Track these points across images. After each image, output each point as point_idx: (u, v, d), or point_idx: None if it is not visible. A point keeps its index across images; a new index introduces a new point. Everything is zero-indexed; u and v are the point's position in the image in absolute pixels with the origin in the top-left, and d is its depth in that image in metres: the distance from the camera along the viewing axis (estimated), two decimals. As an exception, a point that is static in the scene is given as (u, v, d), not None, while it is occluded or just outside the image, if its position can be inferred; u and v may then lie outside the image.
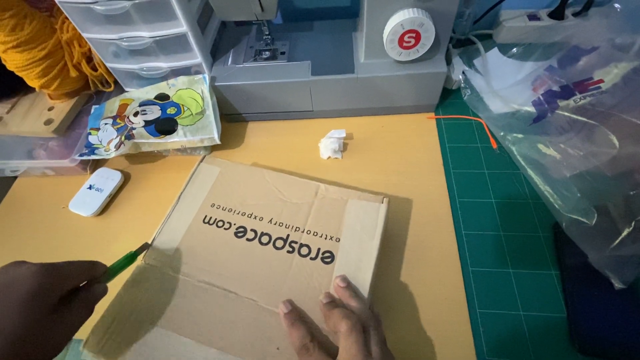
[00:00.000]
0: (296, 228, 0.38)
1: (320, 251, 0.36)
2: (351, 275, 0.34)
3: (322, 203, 0.40)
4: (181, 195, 0.41)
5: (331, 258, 0.36)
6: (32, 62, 0.48)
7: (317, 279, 0.34)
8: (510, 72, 0.55)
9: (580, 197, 0.38)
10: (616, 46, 0.44)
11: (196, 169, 0.44)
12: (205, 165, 0.44)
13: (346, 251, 0.36)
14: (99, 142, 0.51)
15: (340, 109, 0.55)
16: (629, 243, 0.35)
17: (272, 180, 0.42)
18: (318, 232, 0.37)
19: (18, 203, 0.54)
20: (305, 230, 0.38)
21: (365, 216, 0.38)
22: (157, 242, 0.38)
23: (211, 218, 0.39)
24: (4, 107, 0.55)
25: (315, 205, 0.39)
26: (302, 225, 0.38)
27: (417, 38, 0.44)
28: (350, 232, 0.37)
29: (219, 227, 0.39)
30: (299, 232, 0.38)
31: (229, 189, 0.42)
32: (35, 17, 0.47)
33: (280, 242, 0.37)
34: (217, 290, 0.34)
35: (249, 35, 0.57)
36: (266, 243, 0.37)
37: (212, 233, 0.38)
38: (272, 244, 0.37)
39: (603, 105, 0.39)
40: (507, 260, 0.41)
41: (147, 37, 0.46)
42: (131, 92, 0.54)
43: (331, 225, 0.38)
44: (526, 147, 0.44)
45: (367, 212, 0.38)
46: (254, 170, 0.43)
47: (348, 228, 0.37)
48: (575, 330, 0.36)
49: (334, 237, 0.37)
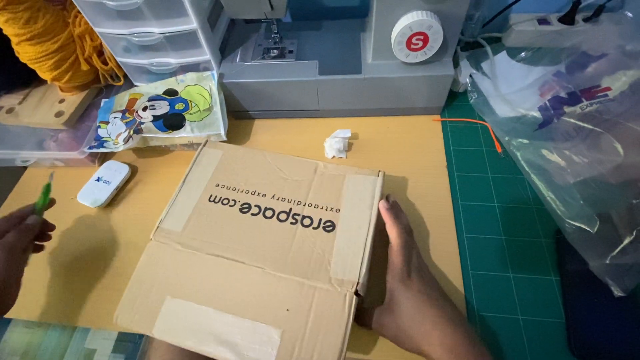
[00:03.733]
0: (298, 202, 0.40)
1: (322, 221, 0.38)
2: (352, 240, 0.36)
3: (321, 179, 0.41)
4: (186, 178, 0.43)
5: (332, 227, 0.37)
6: (44, 54, 0.49)
7: (320, 246, 0.36)
8: (518, 77, 0.54)
9: (583, 204, 0.38)
10: (626, 53, 0.43)
11: (199, 153, 0.45)
12: (207, 149, 0.46)
13: (346, 220, 0.38)
14: (108, 136, 0.52)
15: (346, 108, 0.55)
16: (631, 251, 0.35)
17: (272, 161, 0.44)
18: (319, 204, 0.39)
19: (28, 193, 0.55)
20: (307, 203, 0.40)
21: (362, 188, 0.40)
22: (165, 223, 0.39)
23: (216, 197, 0.41)
24: (16, 98, 0.56)
25: (315, 181, 0.41)
26: (303, 199, 0.40)
27: (425, 40, 0.44)
28: (349, 203, 0.39)
29: (224, 204, 0.40)
30: (300, 205, 0.39)
31: (231, 169, 0.43)
32: (48, 11, 0.47)
33: (284, 215, 0.39)
34: (226, 261, 0.36)
35: (258, 33, 0.57)
36: (270, 217, 0.39)
37: (218, 210, 0.40)
38: (275, 217, 0.39)
39: (609, 113, 0.39)
40: (507, 265, 0.41)
41: (158, 33, 0.46)
42: (140, 86, 0.55)
43: (331, 198, 0.40)
44: (531, 153, 0.44)
45: (365, 184, 0.40)
46: (255, 152, 0.45)
47: (347, 200, 0.39)
48: (573, 337, 0.36)
49: (334, 208, 0.39)
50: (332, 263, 0.35)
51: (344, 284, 0.33)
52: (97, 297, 0.44)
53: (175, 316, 0.34)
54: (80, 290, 0.44)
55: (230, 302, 0.34)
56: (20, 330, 1.05)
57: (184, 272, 0.36)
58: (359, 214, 0.38)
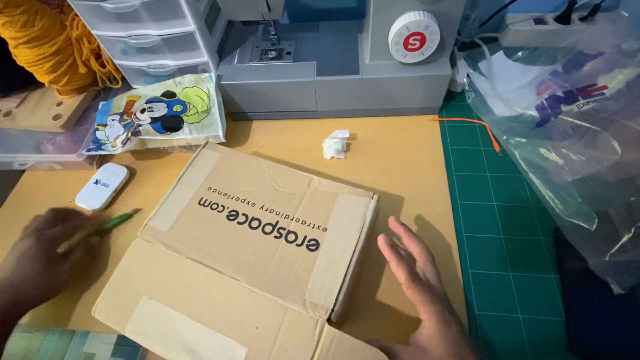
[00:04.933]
0: (286, 215, 0.39)
1: (307, 239, 0.37)
2: (334, 262, 0.35)
3: (313, 194, 0.41)
4: (180, 178, 0.43)
5: (316, 246, 0.37)
6: (42, 57, 0.49)
7: (300, 264, 0.35)
8: (515, 76, 0.55)
9: (582, 202, 0.38)
10: (622, 52, 0.44)
11: (198, 154, 0.45)
12: (207, 150, 0.46)
13: (332, 240, 0.37)
14: (105, 138, 0.52)
15: (344, 109, 0.55)
16: (629, 249, 0.35)
17: (268, 170, 0.43)
18: (306, 220, 0.39)
19: (26, 196, 0.55)
20: (295, 218, 0.39)
21: (354, 210, 0.39)
22: (154, 221, 0.39)
23: (206, 200, 0.41)
24: (13, 102, 0.56)
25: (306, 196, 0.41)
26: (291, 213, 0.39)
27: (422, 41, 0.44)
28: (337, 223, 0.38)
29: (213, 209, 0.40)
30: (288, 219, 0.39)
31: (226, 174, 0.43)
32: (46, 14, 0.47)
33: (269, 228, 0.38)
34: (205, 268, 0.36)
35: (256, 35, 0.57)
36: (256, 227, 0.38)
37: (205, 214, 0.40)
38: (261, 228, 0.38)
39: (606, 111, 0.39)
40: (507, 263, 0.41)
41: (155, 35, 0.46)
42: (138, 89, 0.55)
43: (320, 215, 0.39)
44: (529, 151, 0.44)
45: (356, 205, 0.39)
46: (252, 159, 0.45)
47: (336, 219, 0.38)
48: (573, 335, 0.36)
49: (321, 227, 0.38)
50: (309, 284, 0.34)
51: (318, 308, 0.32)
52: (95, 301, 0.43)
53: (148, 318, 0.34)
54: (79, 294, 0.44)
55: (202, 311, 0.34)
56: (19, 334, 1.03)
57: (163, 274, 0.36)
58: (346, 236, 0.37)
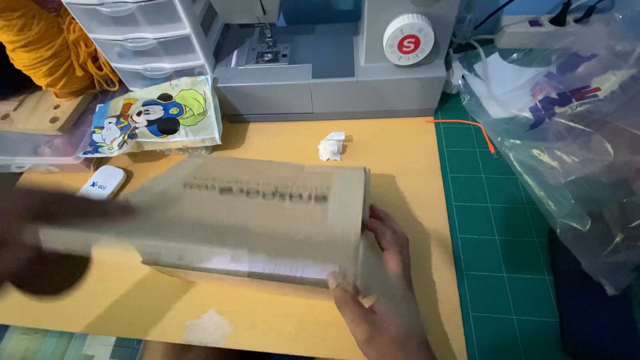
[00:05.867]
0: (285, 186, 0.36)
1: (312, 195, 0.35)
2: (347, 204, 0.33)
3: (307, 174, 0.39)
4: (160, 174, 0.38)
5: (324, 199, 0.34)
6: (39, 61, 0.49)
7: (311, 216, 0.32)
8: (510, 78, 0.55)
9: (575, 203, 0.38)
10: (616, 54, 0.44)
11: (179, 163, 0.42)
12: (189, 157, 0.43)
13: (337, 195, 0.34)
14: (102, 141, 0.52)
15: (340, 111, 0.55)
16: (622, 250, 0.35)
17: (258, 165, 0.42)
18: (307, 185, 0.36)
19: (23, 199, 0.55)
20: (294, 185, 0.36)
21: (350, 177, 0.37)
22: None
23: (192, 185, 0.36)
24: (11, 105, 0.57)
25: (301, 176, 0.39)
26: (290, 183, 0.37)
27: (417, 43, 0.44)
28: (338, 185, 0.36)
29: (201, 189, 0.36)
30: (288, 187, 0.36)
31: (212, 168, 0.40)
32: (42, 18, 0.48)
33: (270, 196, 0.35)
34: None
35: (252, 38, 0.57)
36: (255, 195, 0.35)
37: (192, 194, 0.35)
38: (260, 196, 0.35)
39: (599, 113, 0.39)
40: (501, 265, 0.41)
41: (152, 38, 0.47)
42: (135, 91, 0.55)
43: (320, 182, 0.37)
44: (523, 153, 0.45)
45: (352, 175, 0.37)
46: (240, 159, 0.44)
47: (335, 185, 0.36)
48: (567, 335, 0.36)
49: (324, 187, 0.36)
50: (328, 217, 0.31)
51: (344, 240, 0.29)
52: (94, 303, 0.44)
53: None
54: (78, 297, 0.44)
55: None
56: (18, 336, 1.04)
57: None
58: (350, 189, 0.35)
